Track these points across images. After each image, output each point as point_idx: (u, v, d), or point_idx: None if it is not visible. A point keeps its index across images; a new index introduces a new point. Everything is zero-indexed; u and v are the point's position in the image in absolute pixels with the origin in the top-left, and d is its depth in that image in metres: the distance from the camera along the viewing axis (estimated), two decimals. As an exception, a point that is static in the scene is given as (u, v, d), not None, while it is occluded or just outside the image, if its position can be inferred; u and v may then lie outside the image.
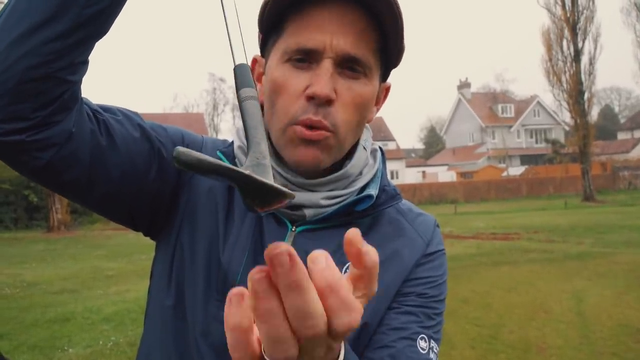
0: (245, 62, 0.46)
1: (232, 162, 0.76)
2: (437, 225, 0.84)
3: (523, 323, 4.84)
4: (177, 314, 0.74)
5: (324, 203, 0.73)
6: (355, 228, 0.37)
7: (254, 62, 0.79)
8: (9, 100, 0.58)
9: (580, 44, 24.09)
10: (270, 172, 0.38)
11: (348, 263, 0.44)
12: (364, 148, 0.80)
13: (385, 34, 0.69)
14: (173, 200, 0.77)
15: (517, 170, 36.25)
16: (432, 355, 0.71)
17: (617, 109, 62.50)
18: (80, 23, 0.59)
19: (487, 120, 43.33)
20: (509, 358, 3.99)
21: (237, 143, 0.77)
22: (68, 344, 4.56)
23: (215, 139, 0.85)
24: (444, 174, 37.00)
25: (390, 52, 0.72)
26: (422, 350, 0.70)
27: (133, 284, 7.13)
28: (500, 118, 43.59)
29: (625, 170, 31.02)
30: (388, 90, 0.82)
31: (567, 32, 24.17)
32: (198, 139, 0.82)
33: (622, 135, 46.18)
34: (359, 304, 0.37)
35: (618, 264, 7.51)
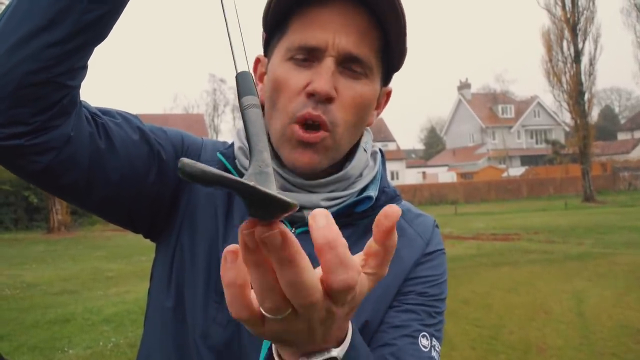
0: (248, 69, 0.46)
1: (232, 163, 0.76)
2: (436, 226, 0.84)
3: (523, 324, 4.84)
4: (176, 316, 0.74)
5: (324, 204, 0.73)
6: (396, 206, 0.38)
7: (257, 62, 0.79)
8: (9, 105, 0.58)
9: (581, 45, 24.13)
10: (273, 180, 0.38)
11: None
12: (365, 150, 0.79)
13: (387, 34, 0.69)
14: (173, 203, 0.77)
15: (517, 171, 36.27)
16: (434, 353, 0.70)
17: (617, 110, 62.50)
18: (80, 29, 0.59)
19: (487, 121, 43.35)
20: (509, 359, 3.99)
21: (237, 144, 0.77)
22: (68, 345, 4.56)
23: (215, 141, 0.85)
24: (444, 175, 36.99)
25: (392, 53, 0.72)
26: (423, 348, 0.69)
27: (133, 285, 7.13)
28: (501, 119, 43.61)
29: (626, 171, 31.03)
30: (389, 95, 0.82)
31: (567, 32, 24.19)
32: (198, 142, 0.82)
33: (622, 136, 46.21)
34: (357, 264, 0.38)
35: (618, 265, 7.51)
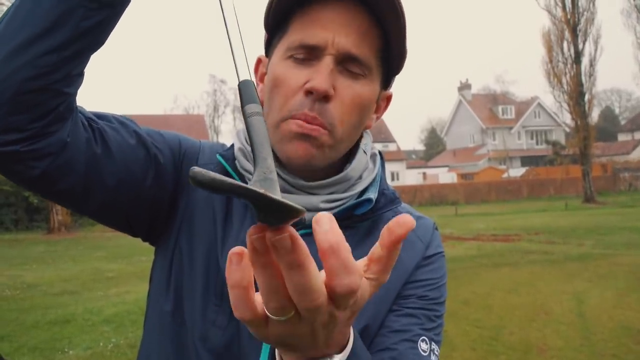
0: (249, 75, 0.47)
1: (232, 165, 0.76)
2: (435, 228, 0.84)
3: (524, 324, 4.84)
4: (175, 319, 0.74)
5: (324, 206, 0.73)
6: (411, 217, 0.39)
7: (258, 62, 0.79)
8: (6, 111, 0.58)
9: (581, 46, 24.11)
10: (277, 186, 0.39)
11: None
12: (364, 152, 0.79)
13: (387, 33, 0.69)
14: (171, 206, 0.77)
15: (517, 172, 36.25)
16: (433, 358, 0.70)
17: (617, 111, 62.49)
18: (78, 35, 0.59)
19: (487, 122, 43.33)
20: (510, 359, 4.00)
21: (237, 145, 0.77)
22: (68, 346, 4.57)
23: (214, 143, 0.84)
24: (445, 176, 36.96)
25: (392, 55, 0.72)
26: (423, 353, 0.69)
27: (133, 286, 7.13)
28: (501, 119, 43.58)
29: (626, 172, 31.02)
30: (389, 100, 0.81)
31: (567, 33, 24.18)
32: (195, 144, 0.82)
33: (622, 137, 46.19)
34: (359, 268, 0.39)
35: (619, 266, 7.51)
